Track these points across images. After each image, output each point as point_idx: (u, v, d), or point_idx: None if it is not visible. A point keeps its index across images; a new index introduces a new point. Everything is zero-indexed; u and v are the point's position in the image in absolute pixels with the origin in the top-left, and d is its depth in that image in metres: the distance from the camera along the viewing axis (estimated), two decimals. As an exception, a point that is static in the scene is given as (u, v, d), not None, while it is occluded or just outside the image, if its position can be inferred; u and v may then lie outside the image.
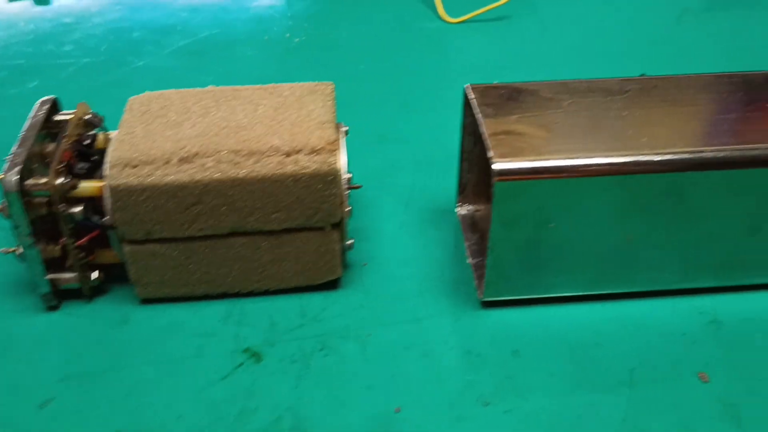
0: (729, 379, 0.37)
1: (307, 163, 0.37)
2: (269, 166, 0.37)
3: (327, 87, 0.42)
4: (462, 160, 0.45)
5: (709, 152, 0.36)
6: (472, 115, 0.40)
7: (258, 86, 0.42)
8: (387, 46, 0.68)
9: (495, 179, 0.36)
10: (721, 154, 0.36)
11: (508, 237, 0.38)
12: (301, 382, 0.37)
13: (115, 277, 0.41)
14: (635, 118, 0.38)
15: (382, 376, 0.37)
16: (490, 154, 0.36)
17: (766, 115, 0.39)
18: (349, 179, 0.39)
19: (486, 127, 0.38)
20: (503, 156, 0.36)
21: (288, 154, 0.37)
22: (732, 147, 0.36)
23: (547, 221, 0.37)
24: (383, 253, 0.44)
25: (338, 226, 0.39)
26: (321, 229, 0.39)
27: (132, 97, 0.41)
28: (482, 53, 0.67)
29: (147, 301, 0.41)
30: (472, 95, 0.41)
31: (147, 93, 0.42)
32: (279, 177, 0.37)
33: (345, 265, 0.43)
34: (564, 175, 0.36)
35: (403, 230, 0.46)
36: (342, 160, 0.39)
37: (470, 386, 0.37)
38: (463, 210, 0.47)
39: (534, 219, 0.37)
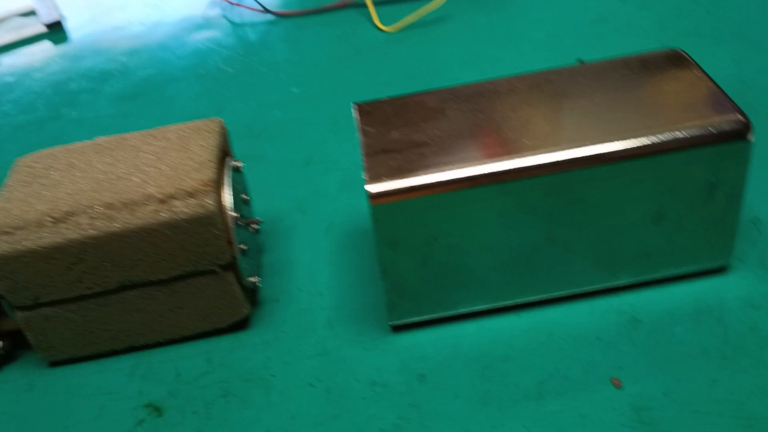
0: (643, 381, 0.35)
1: (183, 208, 0.36)
2: (144, 217, 0.36)
3: (213, 124, 0.41)
4: None
5: (591, 147, 0.35)
6: None
7: (144, 132, 0.41)
8: (322, 65, 0.67)
9: (371, 202, 0.34)
10: (604, 148, 0.34)
11: (400, 259, 0.36)
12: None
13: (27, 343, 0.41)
14: (519, 119, 0.37)
15: (284, 418, 0.36)
16: (364, 176, 0.35)
17: (656, 100, 0.37)
18: (236, 217, 0.38)
19: (364, 148, 0.37)
20: (378, 177, 0.35)
21: (163, 201, 0.36)
22: (615, 139, 0.35)
23: (433, 237, 0.36)
24: (297, 286, 0.43)
25: (231, 266, 0.38)
26: (212, 272, 0.38)
27: (18, 159, 0.41)
28: (417, 61, 0.65)
29: (55, 364, 0.40)
30: (356, 115, 0.39)
31: (35, 153, 0.41)
32: (155, 226, 0.36)
33: (254, 303, 0.42)
34: (441, 189, 0.34)
35: (320, 259, 0.45)
36: (227, 199, 0.38)
37: (371, 421, 0.35)
38: None
39: (421, 237, 0.36)
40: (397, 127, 0.38)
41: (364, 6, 0.73)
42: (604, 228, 0.37)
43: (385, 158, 0.36)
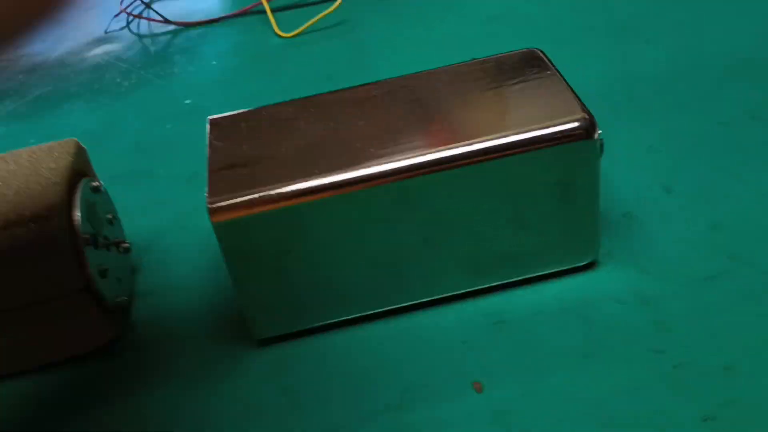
0: (505, 384, 0.35)
1: (23, 235, 0.35)
2: (-16, 245, 0.35)
3: (67, 145, 0.40)
4: None
5: (434, 152, 0.34)
6: None
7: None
8: (219, 74, 0.66)
9: (212, 219, 0.34)
10: (446, 153, 0.34)
11: (252, 274, 0.36)
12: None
13: None
14: (370, 127, 0.36)
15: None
16: (206, 193, 0.34)
17: (507, 102, 0.37)
18: (87, 239, 0.37)
19: (210, 164, 0.36)
20: (219, 193, 0.34)
21: (4, 228, 0.35)
22: (459, 143, 0.34)
23: (286, 251, 0.35)
24: (172, 305, 0.42)
25: (88, 290, 0.37)
26: (67, 296, 0.37)
27: None
28: (314, 66, 0.65)
29: None
30: (208, 129, 0.39)
31: None
32: (-3, 254, 0.35)
33: (125, 326, 0.41)
34: (284, 203, 0.34)
35: (197, 276, 0.44)
36: (76, 222, 0.37)
37: (230, 440, 0.35)
38: None
39: (272, 251, 0.35)
40: (247, 141, 0.37)
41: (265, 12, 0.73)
42: (462, 233, 0.36)
43: (230, 173, 0.35)
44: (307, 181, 0.34)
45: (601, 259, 0.40)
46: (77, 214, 0.37)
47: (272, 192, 0.34)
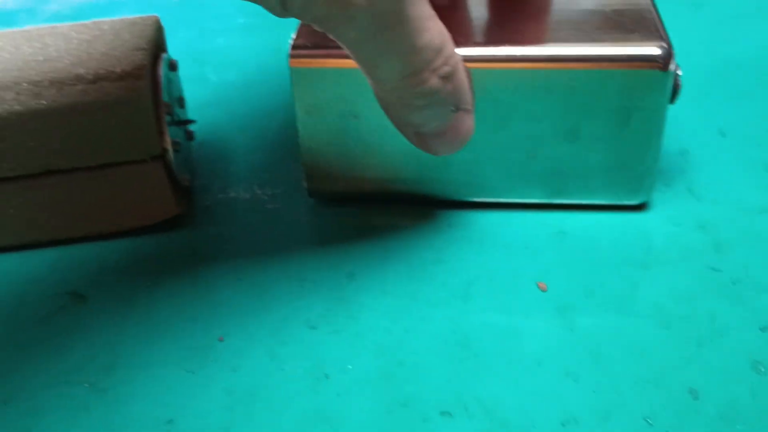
0: (567, 285, 0.36)
1: (113, 90, 0.35)
2: (72, 96, 0.35)
3: (148, 19, 0.40)
4: None
5: (507, 48, 0.35)
6: None
7: (77, 23, 0.40)
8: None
9: (289, 62, 0.35)
10: (519, 50, 0.35)
11: (315, 126, 0.36)
12: (125, 320, 0.35)
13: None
14: (450, 18, 0.37)
15: (208, 307, 0.36)
16: (292, 37, 0.36)
17: (588, 17, 0.37)
18: (170, 108, 0.37)
19: (301, 24, 0.37)
20: (304, 40, 0.35)
21: (93, 82, 0.35)
22: (531, 43, 0.35)
23: (350, 113, 0.36)
24: (231, 194, 0.43)
25: (162, 159, 0.38)
26: (142, 162, 0.37)
27: (-59, 41, 0.39)
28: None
29: (-28, 252, 0.39)
30: None
31: (-42, 37, 0.40)
32: (83, 106, 0.35)
33: (186, 204, 0.41)
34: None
35: (255, 172, 0.44)
36: (159, 89, 0.37)
37: (298, 311, 0.35)
38: None
39: (337, 109, 0.36)
40: None
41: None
42: (517, 135, 0.37)
43: (316, 32, 0.35)
44: None
45: (657, 190, 0.41)
46: (161, 82, 0.37)
47: None
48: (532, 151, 0.37)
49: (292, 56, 0.35)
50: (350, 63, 0.33)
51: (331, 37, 0.29)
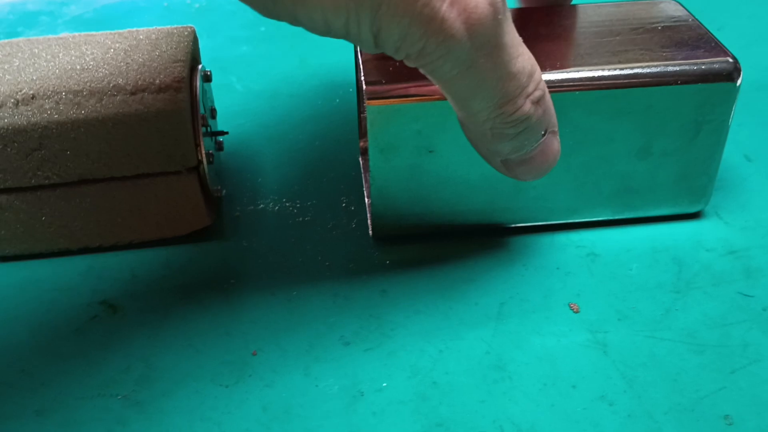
0: (600, 308, 0.36)
1: (152, 102, 0.35)
2: (112, 106, 0.35)
3: (185, 30, 0.40)
4: (359, 101, 0.44)
5: (586, 70, 0.35)
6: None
7: (114, 31, 0.40)
8: None
9: (366, 102, 0.34)
10: (599, 72, 0.35)
11: (389, 165, 0.36)
12: (158, 332, 0.35)
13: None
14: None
15: (243, 322, 0.36)
16: (362, 76, 0.35)
17: (652, 39, 0.38)
18: (205, 121, 0.38)
19: (362, 54, 0.37)
20: (376, 79, 0.35)
21: (133, 93, 0.35)
22: (610, 66, 0.35)
23: (426, 147, 0.36)
24: (260, 205, 0.43)
25: (197, 170, 0.38)
26: (177, 173, 0.37)
27: (-22, 47, 0.39)
28: None
29: (5, 259, 0.39)
30: None
31: (-5, 42, 0.40)
32: (123, 117, 0.35)
33: (216, 215, 0.41)
34: (438, 97, 0.34)
35: (285, 182, 0.44)
36: (197, 101, 0.37)
37: (332, 328, 0.35)
38: (363, 151, 0.45)
39: (413, 145, 0.36)
40: None
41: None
42: (591, 157, 0.37)
43: (384, 65, 0.36)
44: None
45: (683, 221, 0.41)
46: (198, 95, 0.37)
47: (430, 85, 0.34)
48: (603, 171, 0.38)
49: (369, 95, 0.34)
50: (428, 97, 0.34)
51: (422, 72, 0.29)
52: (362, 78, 0.35)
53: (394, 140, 0.35)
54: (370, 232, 0.40)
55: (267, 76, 0.55)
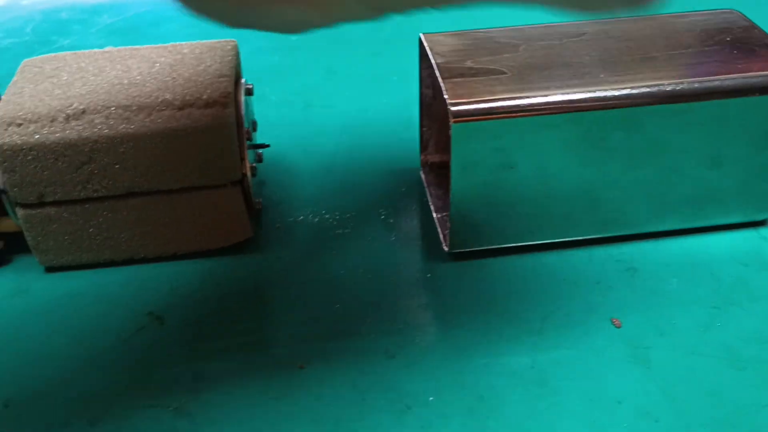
0: (641, 323, 0.36)
1: (200, 117, 0.36)
2: (160, 121, 0.36)
3: (227, 44, 0.41)
4: (422, 115, 0.44)
5: (663, 84, 0.36)
6: (430, 66, 0.39)
7: (157, 45, 0.41)
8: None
9: (452, 121, 0.35)
10: (675, 86, 0.36)
11: (469, 182, 0.37)
12: (203, 343, 0.36)
13: (23, 246, 0.40)
14: (592, 57, 0.38)
15: (287, 334, 0.36)
16: (446, 96, 0.35)
17: (722, 51, 0.38)
18: (249, 134, 0.38)
19: (441, 73, 0.37)
20: (459, 98, 0.35)
21: (180, 108, 0.36)
22: (685, 79, 0.36)
23: (506, 164, 0.36)
24: (299, 217, 0.43)
25: (241, 184, 0.38)
26: (222, 187, 0.38)
27: (25, 60, 0.40)
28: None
29: (51, 269, 0.40)
30: (426, 44, 0.39)
31: (41, 56, 0.40)
32: (171, 131, 0.36)
33: (256, 227, 0.42)
34: (520, 114, 0.35)
35: (322, 194, 0.45)
36: (242, 115, 0.37)
37: (375, 340, 0.36)
38: (426, 166, 0.45)
39: (493, 162, 0.36)
40: (469, 57, 0.38)
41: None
42: (663, 168, 0.38)
43: (464, 82, 0.36)
44: (544, 95, 0.35)
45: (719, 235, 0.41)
46: (243, 109, 0.38)
47: (511, 102, 0.35)
48: (675, 182, 0.38)
49: (455, 115, 0.35)
50: (510, 114, 0.35)
51: None
52: (446, 97, 0.35)
53: (477, 157, 0.36)
54: (445, 247, 0.40)
55: (298, 87, 0.56)
